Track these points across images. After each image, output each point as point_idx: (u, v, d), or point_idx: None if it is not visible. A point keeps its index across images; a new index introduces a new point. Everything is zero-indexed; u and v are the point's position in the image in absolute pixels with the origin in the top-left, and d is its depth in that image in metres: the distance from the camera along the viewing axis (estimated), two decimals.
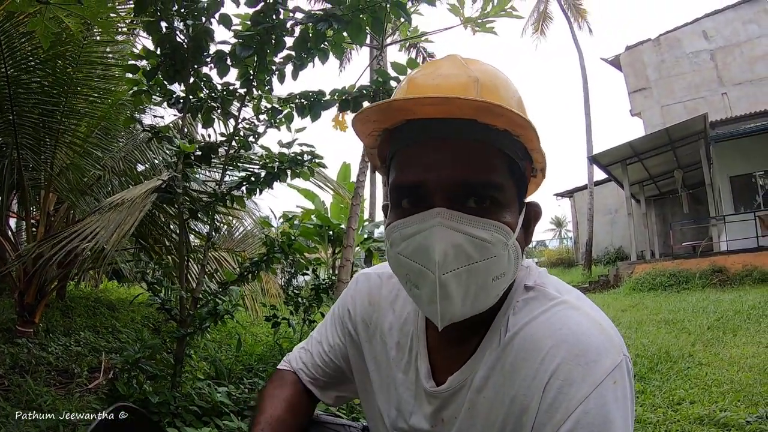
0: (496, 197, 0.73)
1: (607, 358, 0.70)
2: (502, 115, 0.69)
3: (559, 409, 0.69)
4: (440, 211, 0.70)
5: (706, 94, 17.85)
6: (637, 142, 13.27)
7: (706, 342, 5.14)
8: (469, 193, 0.72)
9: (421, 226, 0.71)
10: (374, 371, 1.00)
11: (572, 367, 0.70)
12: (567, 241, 28.78)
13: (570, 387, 0.69)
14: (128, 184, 4.84)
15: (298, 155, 2.71)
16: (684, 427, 2.84)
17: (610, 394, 0.68)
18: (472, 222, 0.71)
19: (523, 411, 0.73)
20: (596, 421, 0.67)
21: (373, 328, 1.00)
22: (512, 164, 0.76)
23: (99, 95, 4.38)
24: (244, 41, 2.47)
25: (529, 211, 0.82)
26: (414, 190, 0.74)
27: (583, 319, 0.75)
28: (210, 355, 4.13)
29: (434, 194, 0.72)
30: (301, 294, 3.90)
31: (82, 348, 4.36)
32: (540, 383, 0.72)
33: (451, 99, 0.68)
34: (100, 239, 2.95)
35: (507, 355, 0.77)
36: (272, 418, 0.99)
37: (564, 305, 0.77)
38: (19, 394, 2.96)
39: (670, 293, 9.77)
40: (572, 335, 0.72)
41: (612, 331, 0.74)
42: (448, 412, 0.84)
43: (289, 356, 1.17)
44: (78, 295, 6.89)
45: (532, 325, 0.77)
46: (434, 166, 0.72)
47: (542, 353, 0.73)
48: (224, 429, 2.49)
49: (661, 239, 17.02)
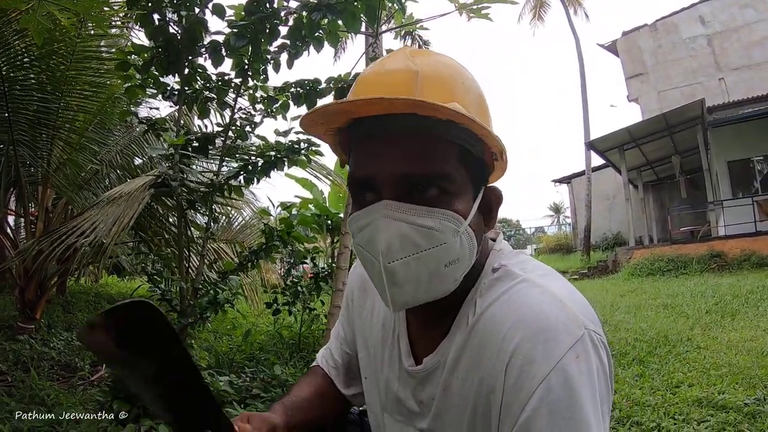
0: (445, 186, 0.74)
1: (568, 334, 0.70)
2: (438, 109, 0.69)
3: (522, 388, 0.69)
4: (386, 203, 0.72)
5: (703, 79, 17.81)
6: (634, 128, 13.23)
7: (705, 326, 5.17)
8: (414, 185, 0.74)
9: (370, 218, 0.74)
10: (365, 356, 1.03)
11: (532, 345, 0.70)
12: (565, 227, 28.77)
13: (531, 365, 0.69)
14: (126, 177, 4.84)
15: (295, 144, 2.71)
16: (682, 410, 2.87)
17: (573, 368, 0.68)
18: (417, 211, 0.72)
19: (490, 391, 0.74)
20: (560, 397, 0.67)
21: (367, 313, 1.04)
22: (463, 152, 0.76)
23: (94, 90, 4.37)
24: (238, 31, 2.46)
25: (488, 196, 0.83)
26: (365, 184, 0.76)
27: (544, 297, 0.75)
28: (211, 345, 4.16)
29: (382, 187, 0.74)
30: (300, 283, 3.92)
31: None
32: (502, 363, 0.72)
33: (376, 100, 0.69)
34: (99, 233, 2.96)
35: (474, 336, 0.78)
36: (297, 396, 1.03)
37: (525, 283, 0.78)
38: (22, 389, 2.98)
39: (668, 278, 9.81)
40: (531, 313, 0.73)
41: (575, 306, 0.74)
42: (426, 393, 0.86)
43: (318, 354, 1.20)
44: (78, 291, 6.92)
45: (494, 306, 0.78)
46: (380, 160, 0.74)
47: (503, 333, 0.73)
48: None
49: (659, 224, 17.04)
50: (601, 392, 0.71)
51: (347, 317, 1.11)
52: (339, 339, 1.14)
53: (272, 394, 2.86)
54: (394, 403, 0.94)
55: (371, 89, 0.76)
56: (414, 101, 0.68)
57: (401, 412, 0.92)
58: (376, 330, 0.99)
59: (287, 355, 3.86)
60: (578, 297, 0.78)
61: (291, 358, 3.82)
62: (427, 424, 0.87)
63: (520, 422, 0.69)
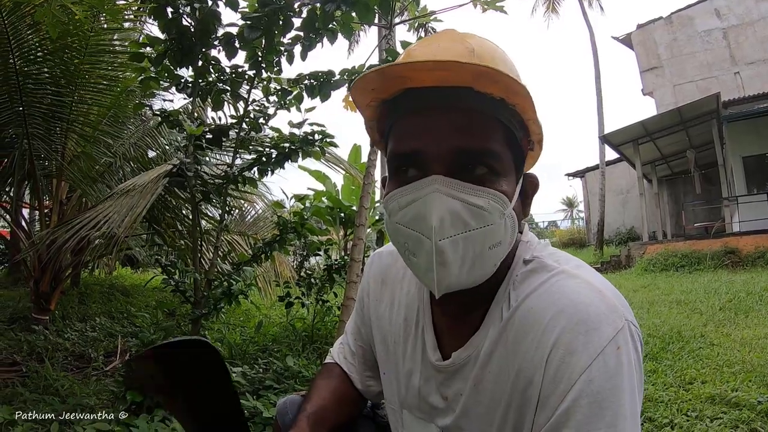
0: (493, 165, 0.73)
1: (608, 325, 0.69)
2: (499, 82, 0.68)
3: (563, 379, 0.68)
4: (437, 179, 0.70)
5: (718, 73, 17.57)
6: (649, 122, 13.10)
7: (718, 323, 5.11)
8: (466, 161, 0.72)
9: (418, 194, 0.71)
10: (383, 351, 1.02)
11: (573, 337, 0.69)
12: (579, 221, 28.63)
13: (572, 356, 0.68)
14: (140, 170, 4.87)
15: (309, 135, 2.71)
16: (695, 406, 2.85)
17: (614, 360, 0.67)
18: (468, 189, 0.71)
19: (528, 384, 0.73)
20: (601, 389, 0.66)
21: (385, 306, 1.02)
22: (509, 134, 0.76)
23: (107, 83, 4.40)
24: (251, 23, 2.46)
25: (526, 183, 0.82)
26: (411, 159, 0.74)
27: (582, 288, 0.74)
28: (224, 337, 4.19)
29: (431, 162, 0.72)
30: (313, 275, 3.93)
31: (97, 333, 4.43)
32: (542, 355, 0.71)
33: (448, 63, 0.67)
34: (113, 223, 2.98)
35: (509, 329, 0.77)
36: (317, 406, 1.00)
37: (562, 275, 0.77)
38: (36, 379, 3.01)
39: (682, 274, 9.72)
40: (571, 304, 0.72)
41: (613, 297, 0.73)
42: (453, 388, 0.85)
43: (332, 349, 1.19)
44: (92, 282, 6.99)
45: (531, 298, 0.76)
46: (431, 134, 0.72)
47: (543, 325, 0.73)
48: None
49: (674, 220, 16.89)
50: (639, 384, 0.70)
51: (362, 312, 1.10)
52: (354, 334, 1.13)
53: (285, 386, 2.88)
54: (415, 398, 0.92)
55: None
56: (487, 68, 0.66)
57: (422, 408, 0.91)
58: (397, 324, 0.97)
59: (300, 347, 3.88)
60: (614, 288, 0.77)
61: (304, 349, 3.84)
62: (451, 421, 0.85)
63: (559, 413, 0.68)
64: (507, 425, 0.77)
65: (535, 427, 0.72)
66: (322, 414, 0.99)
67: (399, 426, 0.98)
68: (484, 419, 0.80)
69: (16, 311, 4.81)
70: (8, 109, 4.13)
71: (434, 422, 0.89)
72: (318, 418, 0.98)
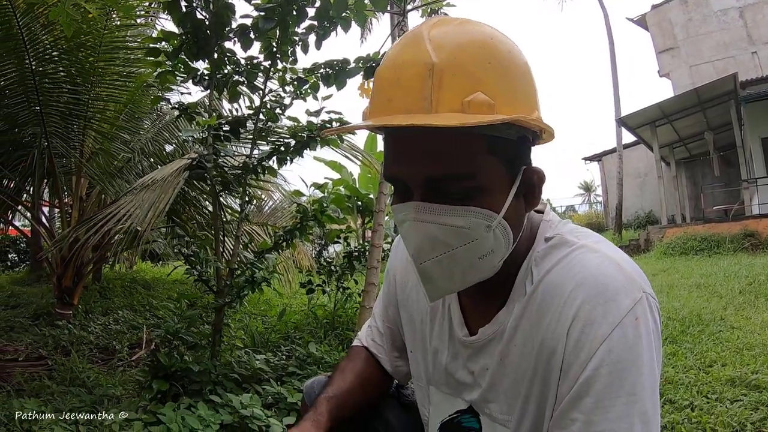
0: (472, 184, 0.72)
1: (627, 296, 0.71)
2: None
3: (583, 349, 0.71)
4: (414, 205, 0.72)
5: (735, 53, 17.17)
6: (665, 104, 12.86)
7: (738, 306, 5.06)
8: (441, 186, 0.72)
9: (402, 217, 0.75)
10: (410, 330, 1.04)
11: (593, 307, 0.71)
12: (596, 205, 28.36)
13: (591, 327, 0.70)
14: (158, 165, 4.93)
15: (327, 123, 2.73)
16: (715, 388, 2.84)
17: (632, 330, 0.69)
18: (447, 212, 0.71)
19: (551, 355, 0.75)
20: (620, 358, 0.68)
21: (411, 286, 1.03)
22: (493, 141, 0.72)
23: (123, 80, 4.45)
24: (266, 13, 2.47)
25: (529, 177, 0.79)
26: (394, 182, 0.78)
27: (602, 261, 0.76)
28: (247, 325, 4.25)
29: (411, 187, 0.74)
30: (333, 263, 3.97)
31: (121, 326, 4.51)
32: (564, 326, 0.73)
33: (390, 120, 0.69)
34: (135, 219, 3.02)
35: (533, 303, 0.79)
36: (340, 389, 1.02)
37: (583, 249, 0.79)
38: (63, 372, 3.07)
39: (701, 257, 9.59)
40: (591, 277, 0.74)
41: (632, 269, 0.75)
42: (480, 363, 0.87)
43: (359, 333, 1.21)
44: (114, 277, 7.11)
45: (553, 273, 0.78)
46: (405, 161, 0.73)
47: (564, 297, 0.75)
48: (264, 394, 2.57)
49: (692, 203, 16.63)
50: (657, 354, 0.72)
51: (388, 293, 1.12)
52: (381, 316, 1.15)
53: (307, 372, 2.92)
54: (442, 375, 0.94)
55: (387, 91, 0.73)
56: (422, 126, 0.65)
57: (449, 384, 0.93)
58: (424, 303, 0.99)
59: (321, 334, 3.92)
60: (633, 262, 0.78)
61: (325, 336, 3.88)
62: (478, 395, 0.88)
63: (581, 381, 0.70)
64: (532, 397, 0.79)
65: (558, 396, 0.75)
66: (344, 396, 1.01)
67: (426, 402, 1.00)
68: (510, 392, 0.82)
69: (39, 307, 4.91)
70: (26, 109, 4.21)
71: (461, 397, 0.91)
72: (338, 401, 0.99)
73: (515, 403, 0.82)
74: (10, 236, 9.07)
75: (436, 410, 0.97)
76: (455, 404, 0.93)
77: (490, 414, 0.86)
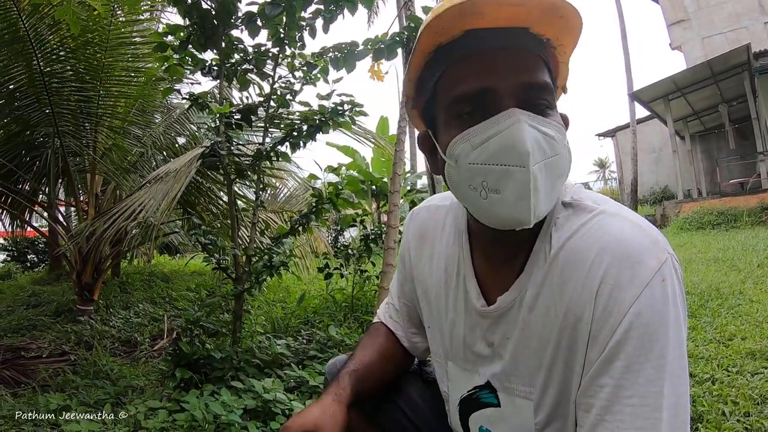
0: (550, 99, 0.77)
1: (653, 258, 0.71)
2: (563, 17, 0.73)
3: (612, 312, 0.70)
4: (520, 111, 0.73)
5: (748, 23, 16.77)
6: (678, 77, 12.61)
7: (756, 279, 5.00)
8: (532, 95, 0.75)
9: (499, 127, 0.72)
10: (426, 306, 1.04)
11: (619, 271, 0.71)
12: (611, 182, 28.02)
13: (620, 290, 0.70)
14: (170, 158, 4.96)
15: (339, 105, 2.73)
16: (736, 362, 2.81)
17: (660, 292, 0.69)
18: (541, 120, 0.74)
19: (578, 321, 0.75)
20: (650, 320, 0.68)
21: (425, 261, 1.04)
22: (550, 73, 0.79)
23: (131, 75, 4.47)
24: (272, 0, 2.47)
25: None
26: (479, 98, 0.75)
27: (624, 224, 0.76)
28: (267, 312, 4.28)
29: (503, 98, 0.74)
30: (350, 246, 3.98)
31: (141, 319, 4.57)
32: (590, 291, 0.73)
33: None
34: (149, 210, 3.05)
35: (554, 270, 0.79)
36: (362, 363, 1.04)
37: (603, 214, 0.78)
38: (86, 366, 3.11)
39: (718, 232, 9.48)
40: (615, 240, 0.73)
41: (654, 232, 0.75)
42: (499, 333, 0.86)
43: (378, 311, 1.22)
44: (132, 271, 7.19)
45: (574, 238, 0.78)
46: (498, 72, 0.74)
47: (588, 262, 0.74)
48: (286, 378, 2.60)
49: (708, 177, 16.35)
50: (683, 315, 0.72)
51: (404, 271, 1.12)
52: (398, 293, 1.15)
53: (328, 354, 2.93)
54: (459, 348, 0.94)
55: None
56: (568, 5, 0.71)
57: (467, 358, 0.93)
58: (438, 276, 0.99)
59: (341, 317, 3.94)
60: (652, 225, 0.78)
61: (345, 319, 3.89)
62: (499, 368, 0.87)
63: (611, 346, 0.70)
64: (556, 365, 0.79)
65: (587, 362, 0.74)
66: (365, 370, 1.03)
67: (445, 378, 1.00)
68: (532, 362, 0.82)
69: (60, 305, 5.00)
70: (37, 110, 4.25)
71: (478, 371, 0.91)
72: (360, 374, 1.01)
73: (537, 374, 0.81)
74: (29, 237, 9.20)
75: (455, 386, 0.97)
76: (473, 380, 0.93)
77: (510, 387, 0.86)
